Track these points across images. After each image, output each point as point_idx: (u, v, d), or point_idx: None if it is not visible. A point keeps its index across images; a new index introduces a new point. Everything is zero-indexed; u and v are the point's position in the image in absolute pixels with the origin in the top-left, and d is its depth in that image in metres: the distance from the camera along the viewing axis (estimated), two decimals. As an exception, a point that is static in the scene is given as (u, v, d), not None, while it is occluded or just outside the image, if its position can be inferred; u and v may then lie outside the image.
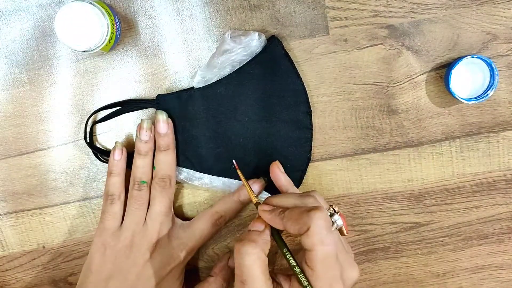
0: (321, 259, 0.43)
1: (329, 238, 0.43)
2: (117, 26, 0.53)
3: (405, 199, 0.58)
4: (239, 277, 0.45)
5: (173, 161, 0.54)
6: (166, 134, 0.54)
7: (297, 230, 0.44)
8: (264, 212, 0.48)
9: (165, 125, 0.54)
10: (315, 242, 0.43)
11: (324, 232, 0.43)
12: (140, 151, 0.54)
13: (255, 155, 0.55)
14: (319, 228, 0.43)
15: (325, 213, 0.44)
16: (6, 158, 0.57)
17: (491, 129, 0.57)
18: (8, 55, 0.55)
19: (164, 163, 0.54)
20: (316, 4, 0.54)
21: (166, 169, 0.54)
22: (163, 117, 0.54)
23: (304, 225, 0.43)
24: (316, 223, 0.43)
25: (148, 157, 0.54)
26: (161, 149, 0.54)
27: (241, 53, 0.53)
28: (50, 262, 0.60)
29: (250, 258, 0.44)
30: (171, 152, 0.54)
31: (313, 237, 0.43)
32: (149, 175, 0.54)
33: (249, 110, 0.55)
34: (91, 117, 0.56)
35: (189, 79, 0.56)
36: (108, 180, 0.54)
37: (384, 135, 0.57)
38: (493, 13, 0.55)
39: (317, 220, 0.43)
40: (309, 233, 0.43)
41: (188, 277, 0.58)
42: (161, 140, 0.54)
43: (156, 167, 0.54)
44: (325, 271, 0.43)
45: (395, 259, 0.60)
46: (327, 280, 0.43)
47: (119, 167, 0.54)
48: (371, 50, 0.55)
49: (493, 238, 0.59)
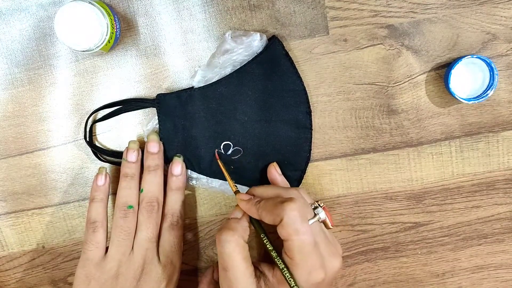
0: (297, 249, 0.45)
1: (304, 228, 0.45)
2: (117, 26, 0.53)
3: (405, 199, 0.58)
4: (221, 265, 0.47)
5: (161, 182, 0.54)
6: (156, 153, 0.53)
7: (272, 220, 0.46)
8: (242, 201, 0.50)
9: (157, 144, 0.54)
10: (289, 232, 0.44)
11: (298, 222, 0.44)
12: (127, 173, 0.53)
13: (255, 155, 0.55)
14: (292, 219, 0.44)
15: (299, 205, 0.45)
16: (6, 158, 0.57)
17: (491, 129, 0.57)
18: (8, 55, 0.55)
19: (152, 184, 0.53)
20: (316, 4, 0.54)
21: (155, 191, 0.53)
22: (155, 137, 0.54)
23: (278, 216, 0.45)
24: (289, 214, 0.44)
25: (135, 180, 0.53)
26: (150, 169, 0.53)
27: (243, 53, 0.53)
28: (50, 262, 0.60)
29: (229, 245, 0.46)
30: (159, 173, 0.53)
31: (287, 227, 0.44)
32: (135, 198, 0.53)
33: (249, 110, 0.55)
34: (91, 116, 0.56)
35: (189, 79, 0.56)
36: (91, 206, 0.53)
37: (384, 135, 0.57)
38: (493, 13, 0.55)
39: (290, 211, 0.44)
40: (283, 223, 0.45)
41: (188, 277, 0.58)
42: (151, 160, 0.53)
43: (144, 188, 0.53)
44: (303, 259, 0.45)
45: (395, 259, 0.60)
46: (306, 268, 0.45)
47: (102, 193, 0.53)
48: (371, 50, 0.55)
49: (493, 238, 0.60)
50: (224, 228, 0.47)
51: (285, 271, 0.45)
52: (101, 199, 0.53)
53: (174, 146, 0.55)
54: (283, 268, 0.45)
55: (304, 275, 0.45)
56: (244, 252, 0.46)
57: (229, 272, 0.46)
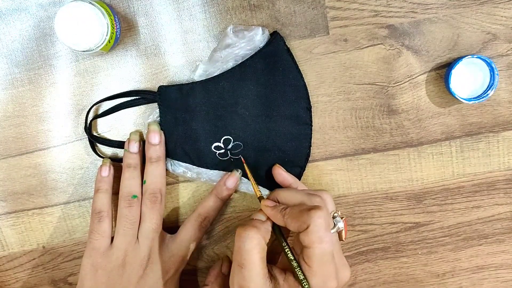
0: (318, 257, 0.44)
1: (327, 237, 0.45)
2: (117, 26, 0.53)
3: (405, 199, 0.58)
4: (237, 261, 0.46)
5: (163, 173, 0.54)
6: (158, 144, 0.54)
7: (297, 227, 0.45)
8: (267, 207, 0.49)
9: (158, 135, 0.54)
10: (313, 240, 0.44)
11: (322, 231, 0.44)
12: (129, 164, 0.54)
13: (254, 150, 0.55)
14: (318, 227, 0.44)
15: (325, 213, 0.45)
16: (6, 158, 0.57)
17: (491, 129, 0.57)
18: (8, 55, 0.55)
19: (155, 176, 0.53)
20: (316, 4, 0.54)
21: (157, 182, 0.53)
22: (155, 128, 0.54)
23: (304, 223, 0.44)
24: (316, 222, 0.44)
25: (137, 170, 0.54)
26: (152, 160, 0.54)
27: (245, 48, 0.53)
28: (50, 262, 0.60)
29: (251, 242, 0.45)
30: (161, 164, 0.54)
31: (312, 235, 0.44)
32: (139, 188, 0.54)
33: (250, 104, 0.55)
34: (92, 108, 0.56)
35: (190, 74, 0.55)
36: (96, 197, 0.54)
37: (384, 135, 0.57)
38: (493, 13, 0.55)
39: (317, 219, 0.44)
40: (308, 231, 0.44)
41: (188, 277, 0.58)
42: (152, 151, 0.54)
43: (147, 180, 0.53)
44: (321, 268, 0.45)
45: (395, 259, 0.60)
46: (323, 277, 0.45)
47: (106, 183, 0.54)
48: (371, 50, 0.55)
49: (493, 238, 0.59)
50: (248, 225, 0.47)
51: (305, 283, 0.45)
52: (106, 189, 0.54)
53: (174, 138, 0.55)
54: (303, 280, 0.45)
55: (320, 284, 0.45)
56: (263, 253, 0.46)
57: (245, 269, 0.45)
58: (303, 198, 0.48)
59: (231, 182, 0.55)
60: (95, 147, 0.57)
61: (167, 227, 0.57)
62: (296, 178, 0.55)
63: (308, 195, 0.49)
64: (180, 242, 0.54)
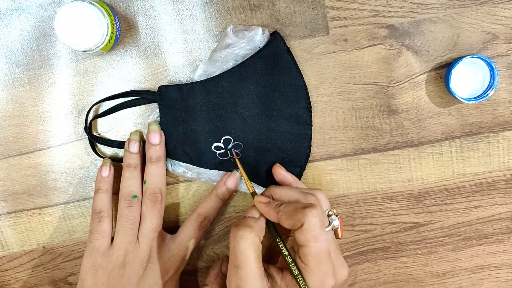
0: (314, 255, 0.44)
1: (323, 235, 0.44)
2: (117, 26, 0.53)
3: (405, 199, 0.58)
4: (233, 262, 0.46)
5: (164, 173, 0.54)
6: (158, 144, 0.54)
7: (291, 225, 0.45)
8: (260, 203, 0.49)
9: (158, 135, 0.54)
10: (308, 238, 0.44)
11: (317, 229, 0.44)
12: (130, 164, 0.54)
13: (254, 150, 0.55)
14: (313, 226, 0.44)
15: (320, 211, 0.45)
16: (6, 158, 0.57)
17: (491, 129, 0.57)
18: (8, 55, 0.55)
19: (155, 176, 0.53)
20: (316, 4, 0.54)
21: (158, 182, 0.53)
22: (156, 128, 0.54)
23: (298, 221, 0.44)
24: (310, 220, 0.44)
25: (137, 170, 0.54)
26: (152, 160, 0.54)
27: (245, 48, 0.53)
28: (50, 262, 0.60)
29: (245, 242, 0.45)
30: (162, 164, 0.54)
31: (307, 233, 0.44)
32: (139, 188, 0.54)
33: (250, 104, 0.55)
34: (92, 108, 0.56)
35: (190, 74, 0.55)
36: (96, 197, 0.54)
37: (384, 135, 0.57)
38: (493, 13, 0.55)
39: (311, 217, 0.44)
40: (303, 229, 0.44)
41: (188, 277, 0.58)
42: (153, 151, 0.54)
43: (147, 180, 0.53)
44: (318, 266, 0.45)
45: (395, 259, 0.60)
46: (320, 275, 0.45)
47: (107, 183, 0.54)
48: (371, 50, 0.55)
49: (493, 238, 0.60)
50: (241, 224, 0.47)
51: (300, 278, 0.45)
52: (106, 189, 0.54)
53: (174, 138, 0.55)
54: (298, 275, 0.45)
55: (317, 282, 0.45)
56: (258, 252, 0.46)
57: (240, 270, 0.45)
58: (298, 195, 0.48)
59: (231, 182, 0.55)
60: (95, 147, 0.57)
61: (167, 227, 0.57)
62: (296, 178, 0.55)
63: (303, 193, 0.48)
64: (180, 242, 0.54)
